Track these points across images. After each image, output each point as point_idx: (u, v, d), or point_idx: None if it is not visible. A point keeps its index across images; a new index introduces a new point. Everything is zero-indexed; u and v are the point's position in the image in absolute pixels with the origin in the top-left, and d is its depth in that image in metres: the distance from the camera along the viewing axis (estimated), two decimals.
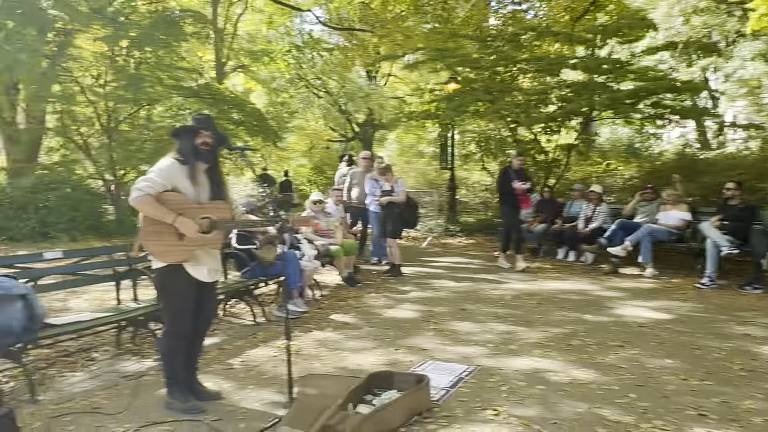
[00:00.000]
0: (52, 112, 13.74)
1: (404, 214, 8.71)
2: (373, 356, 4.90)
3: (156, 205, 3.54)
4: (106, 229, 12.50)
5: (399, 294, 7.49)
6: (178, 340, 3.76)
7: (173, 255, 3.63)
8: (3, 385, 4.19)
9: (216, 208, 3.74)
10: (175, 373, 3.78)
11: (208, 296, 3.89)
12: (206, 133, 3.74)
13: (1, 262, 4.72)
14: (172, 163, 3.67)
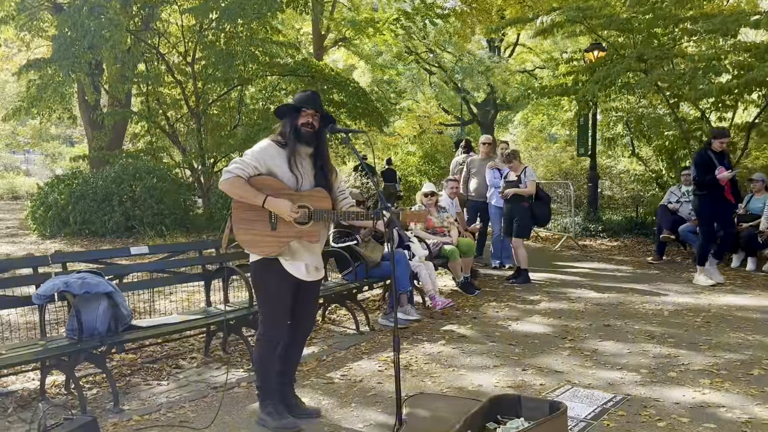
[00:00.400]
0: (137, 93, 14.73)
1: (533, 210, 8.52)
2: (495, 376, 4.83)
3: (245, 187, 3.65)
4: (195, 225, 13.22)
5: (526, 304, 7.36)
6: (272, 345, 3.86)
7: (264, 246, 3.73)
8: (85, 391, 4.52)
9: (313, 197, 3.81)
10: (268, 384, 3.90)
11: (308, 298, 3.98)
12: (310, 112, 3.80)
13: (86, 257, 5.10)
14: (269, 145, 3.79)
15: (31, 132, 36.51)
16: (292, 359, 4.06)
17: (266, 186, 3.70)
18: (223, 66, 13.59)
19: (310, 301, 4.01)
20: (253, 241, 3.73)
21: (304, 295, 3.92)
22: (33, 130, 35.49)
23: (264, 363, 3.88)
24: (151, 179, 12.77)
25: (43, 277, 4.43)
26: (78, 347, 4.09)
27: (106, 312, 4.35)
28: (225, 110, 15.53)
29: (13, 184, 26.91)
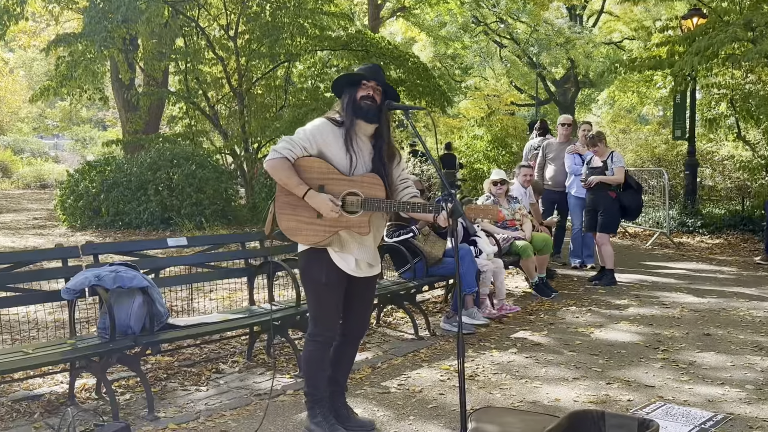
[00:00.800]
0: (175, 71, 15.04)
1: (622, 200, 8.37)
2: (575, 390, 4.77)
3: (290, 171, 3.68)
4: (237, 216, 13.46)
5: (611, 309, 7.25)
6: (321, 345, 3.89)
7: (309, 235, 3.75)
8: (118, 396, 4.65)
9: (365, 183, 3.79)
10: (318, 390, 3.93)
11: (361, 296, 3.99)
12: (371, 84, 3.80)
13: (120, 249, 5.25)
14: (323, 123, 3.80)
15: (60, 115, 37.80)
16: (343, 364, 4.09)
17: (313, 169, 3.73)
18: (268, 40, 13.78)
19: (363, 300, 4.02)
20: (297, 229, 3.75)
21: (356, 292, 3.93)
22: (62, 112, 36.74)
23: (313, 366, 3.91)
24: (190, 166, 13.03)
25: (73, 270, 4.57)
26: (110, 347, 4.20)
27: (141, 309, 4.45)
28: (270, 90, 15.74)
29: (41, 172, 27.83)
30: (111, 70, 16.38)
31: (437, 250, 6.59)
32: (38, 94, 14.48)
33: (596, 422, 3.79)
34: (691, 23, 12.69)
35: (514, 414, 4.10)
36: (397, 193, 3.97)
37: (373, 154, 3.85)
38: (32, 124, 41.43)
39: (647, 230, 13.23)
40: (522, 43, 25.26)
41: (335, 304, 3.85)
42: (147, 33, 13.15)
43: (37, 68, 37.00)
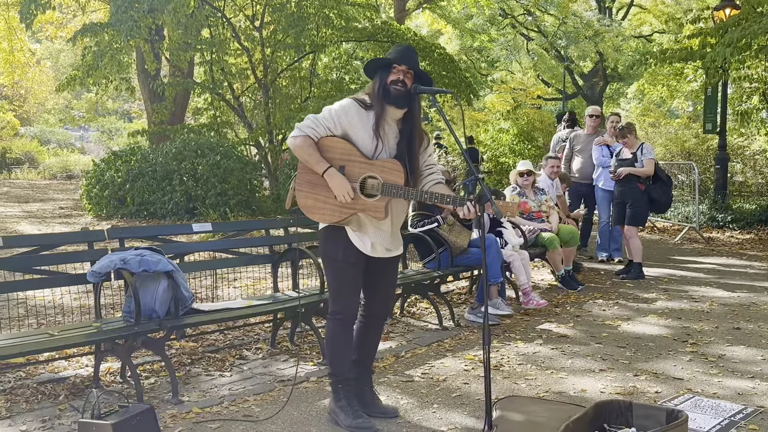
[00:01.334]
0: (200, 62, 15.11)
1: (651, 193, 8.29)
2: (601, 381, 4.74)
3: (311, 149, 3.73)
4: (261, 207, 13.52)
5: (639, 303, 7.20)
6: (342, 323, 3.90)
7: (325, 213, 3.79)
8: (142, 380, 4.69)
9: (385, 168, 3.78)
10: (341, 370, 3.93)
11: (381, 277, 3.99)
12: (402, 68, 3.77)
13: (145, 233, 5.29)
14: (350, 104, 3.80)
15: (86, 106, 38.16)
16: (366, 346, 4.10)
17: (335, 149, 3.75)
18: (293, 31, 13.79)
19: (383, 281, 4.02)
20: (315, 207, 3.79)
21: (375, 273, 3.94)
22: (89, 103, 37.09)
23: (335, 344, 3.92)
24: (215, 156, 13.11)
25: (98, 254, 4.61)
26: (135, 330, 4.23)
27: (166, 293, 4.48)
28: (295, 81, 15.75)
29: (67, 162, 28.14)
30: (137, 60, 16.50)
31: (462, 240, 6.57)
32: (64, 84, 14.62)
33: (623, 412, 3.76)
34: (724, 14, 12.52)
35: (540, 403, 4.08)
36: (422, 179, 3.95)
37: (399, 138, 3.83)
38: (58, 115, 41.91)
39: (676, 225, 13.10)
40: (550, 36, 25.05)
41: (353, 282, 3.88)
42: (173, 23, 13.21)
43: (63, 60, 37.37)
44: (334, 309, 3.90)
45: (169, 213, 12.82)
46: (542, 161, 8.90)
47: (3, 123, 29.56)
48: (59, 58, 37.44)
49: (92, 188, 13.85)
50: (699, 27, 13.69)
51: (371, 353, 4.15)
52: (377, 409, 4.05)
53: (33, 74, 30.81)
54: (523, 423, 3.66)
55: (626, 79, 27.17)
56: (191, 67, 15.94)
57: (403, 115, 3.83)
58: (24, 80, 30.65)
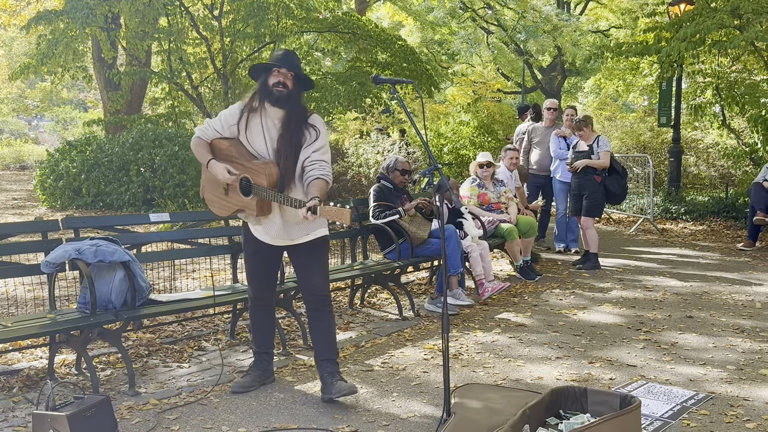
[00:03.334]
0: (158, 51, 14.90)
1: (607, 185, 8.40)
2: (558, 368, 4.81)
3: (200, 148, 4.15)
4: None
5: (595, 292, 7.30)
6: (255, 307, 4.43)
7: (218, 208, 4.25)
8: (98, 372, 4.63)
9: (254, 169, 4.01)
10: (257, 346, 4.47)
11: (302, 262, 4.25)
12: (282, 71, 4.05)
13: (100, 223, 5.21)
14: (237, 107, 4.17)
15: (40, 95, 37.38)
16: (315, 333, 4.28)
17: (221, 151, 4.13)
18: (253, 20, 13.66)
19: (306, 266, 4.26)
20: (211, 201, 4.27)
21: (300, 259, 4.26)
22: (43, 92, 36.33)
23: (253, 326, 4.48)
24: (173, 147, 12.94)
25: (53, 244, 4.53)
26: (90, 321, 4.18)
27: (122, 283, 4.43)
28: None
29: (21, 153, 27.56)
30: (93, 48, 16.21)
31: (423, 231, 6.59)
32: (17, 72, 14.33)
33: (578, 398, 3.82)
34: (679, 9, 12.71)
35: (497, 390, 4.12)
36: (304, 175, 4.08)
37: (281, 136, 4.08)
38: (12, 104, 40.96)
39: (631, 216, 13.29)
40: (509, 30, 25.16)
41: (259, 271, 4.32)
42: (130, 11, 12.99)
43: (17, 48, 36.54)
44: (250, 295, 4.43)
45: (126, 204, 12.64)
46: (501, 153, 8.95)
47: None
48: (12, 46, 36.59)
49: (46, 179, 13.60)
50: (654, 21, 13.89)
51: (321, 339, 4.25)
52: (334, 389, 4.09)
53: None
54: (481, 410, 3.69)
55: (584, 73, 27.51)
56: (149, 56, 15.69)
57: (285, 115, 4.08)
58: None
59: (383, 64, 15.21)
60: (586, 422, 3.55)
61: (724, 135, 15.61)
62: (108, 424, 3.49)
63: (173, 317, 5.70)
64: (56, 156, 13.96)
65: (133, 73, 14.68)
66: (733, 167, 15.03)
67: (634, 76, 19.85)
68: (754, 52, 11.75)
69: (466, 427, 3.50)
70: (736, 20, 10.92)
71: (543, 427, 3.60)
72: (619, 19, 23.74)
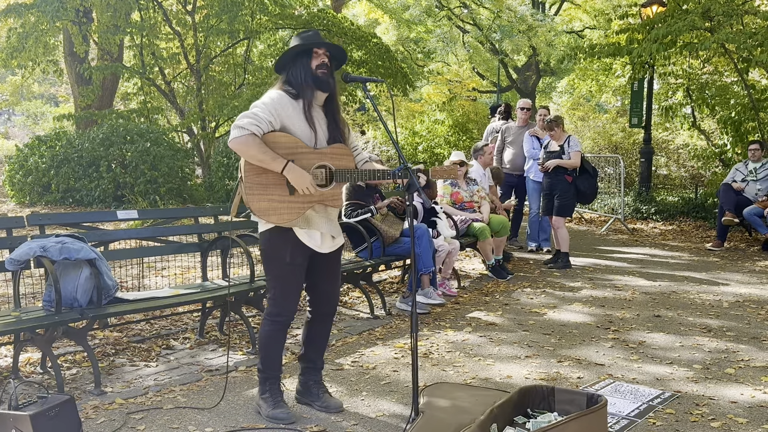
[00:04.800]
0: (130, 46, 14.76)
1: (578, 185, 8.45)
2: (526, 367, 4.82)
3: (262, 147, 3.55)
4: (193, 196, 13.31)
5: (565, 291, 7.34)
6: (278, 325, 3.84)
7: (280, 214, 3.66)
8: (64, 371, 4.58)
9: (334, 155, 3.75)
10: (270, 368, 3.88)
11: (330, 271, 3.94)
12: (322, 51, 3.74)
13: (67, 220, 5.14)
14: (282, 95, 3.69)
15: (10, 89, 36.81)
16: (316, 342, 4.06)
17: (280, 144, 3.62)
18: (227, 16, 13.59)
19: (332, 275, 3.95)
20: (270, 209, 3.64)
21: (321, 268, 3.88)
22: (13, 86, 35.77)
23: (270, 345, 3.86)
24: (144, 143, 12.83)
25: (17, 241, 4.46)
26: (55, 319, 4.11)
27: (88, 281, 4.37)
28: (229, 67, 15.55)
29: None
30: (64, 42, 16.02)
31: (395, 230, 6.59)
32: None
33: (546, 397, 3.83)
34: (651, 11, 12.83)
35: (466, 389, 4.13)
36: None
37: (328, 123, 3.80)
38: None
39: (602, 216, 13.40)
40: (485, 30, 25.23)
41: (297, 284, 3.82)
42: (101, 5, 12.89)
43: None
44: (274, 311, 3.82)
45: (96, 200, 12.51)
46: (472, 152, 8.95)
47: None
48: None
49: (15, 174, 13.42)
50: (627, 22, 13.99)
51: (320, 349, 4.09)
52: (321, 401, 4.02)
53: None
54: (449, 408, 3.69)
55: (558, 73, 27.64)
56: (121, 50, 15.55)
57: (325, 100, 3.81)
58: None
59: (358, 61, 15.21)
60: (553, 421, 3.57)
61: (694, 136, 15.80)
62: (72, 423, 3.44)
63: (141, 316, 5.64)
64: (25, 151, 13.78)
65: (104, 67, 14.53)
66: (702, 168, 15.22)
67: (606, 76, 20.00)
68: (724, 54, 11.89)
69: (434, 426, 3.50)
70: (707, 22, 11.04)
71: (511, 426, 3.61)
72: (593, 20, 23.90)
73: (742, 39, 10.80)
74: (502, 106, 11.00)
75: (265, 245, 3.79)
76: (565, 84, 27.22)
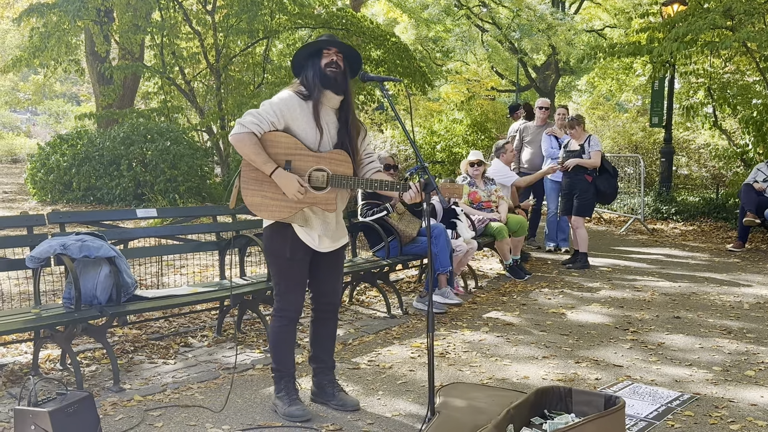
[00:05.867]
0: (151, 45, 14.85)
1: (597, 184, 8.40)
2: (544, 368, 4.80)
3: (257, 148, 3.60)
4: (212, 194, 13.37)
5: (583, 292, 7.30)
6: (287, 320, 3.87)
7: (273, 210, 3.70)
8: (83, 368, 4.61)
9: (333, 160, 3.76)
10: (283, 365, 3.90)
11: (329, 269, 3.96)
12: (333, 50, 3.74)
13: (87, 218, 5.18)
14: (291, 96, 3.72)
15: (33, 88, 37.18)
16: (322, 341, 4.07)
17: (280, 144, 3.66)
18: (247, 16, 13.62)
19: (332, 273, 3.98)
20: (263, 204, 3.70)
21: (323, 266, 3.92)
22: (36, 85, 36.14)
23: (280, 341, 3.88)
24: (164, 142, 12.90)
25: (38, 239, 4.51)
26: (75, 317, 4.15)
27: (108, 279, 4.40)
28: (248, 67, 15.59)
29: (13, 146, 27.44)
30: (86, 42, 16.14)
31: (412, 229, 6.58)
32: (10, 65, 14.26)
33: (563, 398, 3.82)
34: (672, 10, 12.72)
35: (482, 389, 4.11)
36: (362, 168, 3.94)
37: (339, 127, 3.81)
38: (4, 97, 40.77)
39: (622, 216, 13.31)
40: (504, 28, 25.11)
41: (299, 279, 3.85)
42: (122, 5, 12.97)
43: (10, 41, 36.34)
44: (280, 306, 3.86)
45: (117, 199, 12.60)
46: (494, 150, 8.90)
47: None
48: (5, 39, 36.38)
49: (37, 172, 13.54)
50: (648, 22, 13.89)
51: (328, 348, 4.09)
52: (336, 400, 4.03)
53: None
54: (465, 408, 3.68)
55: (577, 72, 27.48)
56: (141, 50, 15.64)
57: (340, 104, 3.80)
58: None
59: (377, 60, 15.19)
60: (570, 422, 3.55)
61: (715, 136, 15.66)
62: (90, 420, 3.47)
63: (160, 313, 5.67)
64: (47, 150, 13.91)
65: (125, 67, 14.61)
66: (724, 168, 15.08)
67: (627, 75, 19.89)
68: (746, 53, 11.77)
69: (450, 426, 3.49)
70: (728, 21, 10.93)
71: (527, 426, 3.59)
72: (614, 19, 23.77)
73: (764, 38, 10.66)
74: (522, 106, 10.92)
75: (267, 241, 3.87)
76: (584, 83, 27.08)
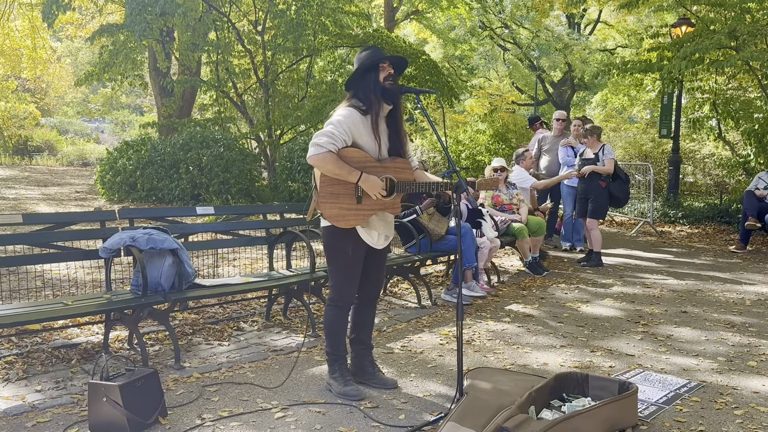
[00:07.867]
0: (207, 62, 14.99)
1: (611, 189, 8.32)
2: (561, 356, 4.76)
3: (339, 163, 3.60)
4: (260, 195, 13.45)
5: (597, 287, 7.24)
6: (340, 309, 3.89)
7: (350, 219, 3.75)
8: (148, 347, 4.67)
9: (397, 168, 3.79)
10: (338, 349, 3.93)
11: (378, 263, 4.00)
12: (386, 65, 3.73)
13: (153, 214, 5.25)
14: (351, 113, 3.69)
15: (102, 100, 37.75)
16: (365, 324, 4.09)
17: (351, 159, 3.66)
18: (292, 36, 13.67)
19: (380, 266, 4.02)
20: (340, 215, 3.72)
21: (374, 260, 3.96)
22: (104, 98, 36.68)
23: (335, 328, 3.91)
24: (219, 148, 13.01)
25: (110, 232, 4.59)
26: (142, 301, 4.22)
27: (171, 268, 4.46)
28: (293, 82, 15.65)
29: (83, 151, 27.82)
30: (149, 59, 16.34)
31: (441, 228, 6.58)
32: (82, 79, 14.46)
33: (580, 383, 3.80)
34: (680, 31, 12.55)
35: (506, 374, 4.10)
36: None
37: (390, 134, 3.82)
38: (76, 108, 41.42)
39: (633, 219, 13.16)
40: (524, 48, 24.97)
41: (357, 274, 3.88)
42: (183, 26, 13.08)
43: (82, 57, 36.93)
44: (336, 297, 3.88)
45: (176, 198, 12.73)
46: (514, 157, 8.87)
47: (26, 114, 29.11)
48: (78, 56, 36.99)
49: (106, 174, 13.73)
50: (657, 42, 13.71)
51: (369, 331, 4.12)
52: (376, 380, 4.05)
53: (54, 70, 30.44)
54: (491, 390, 3.67)
55: (591, 88, 27.21)
56: (198, 66, 15.77)
57: (390, 112, 3.80)
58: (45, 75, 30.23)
59: (409, 76, 15.16)
60: (587, 405, 3.53)
61: (719, 147, 15.40)
62: (155, 394, 3.51)
63: (215, 300, 5.74)
64: (115, 154, 14.09)
65: (184, 81, 14.75)
66: (727, 176, 14.82)
67: (638, 91, 19.64)
68: (748, 71, 11.56)
69: (477, 406, 3.48)
70: (732, 41, 10.76)
71: (548, 408, 3.58)
72: (625, 40, 23.50)
73: (766, 57, 10.50)
74: (540, 120, 10.91)
75: (329, 240, 3.83)
76: (598, 98, 26.81)
